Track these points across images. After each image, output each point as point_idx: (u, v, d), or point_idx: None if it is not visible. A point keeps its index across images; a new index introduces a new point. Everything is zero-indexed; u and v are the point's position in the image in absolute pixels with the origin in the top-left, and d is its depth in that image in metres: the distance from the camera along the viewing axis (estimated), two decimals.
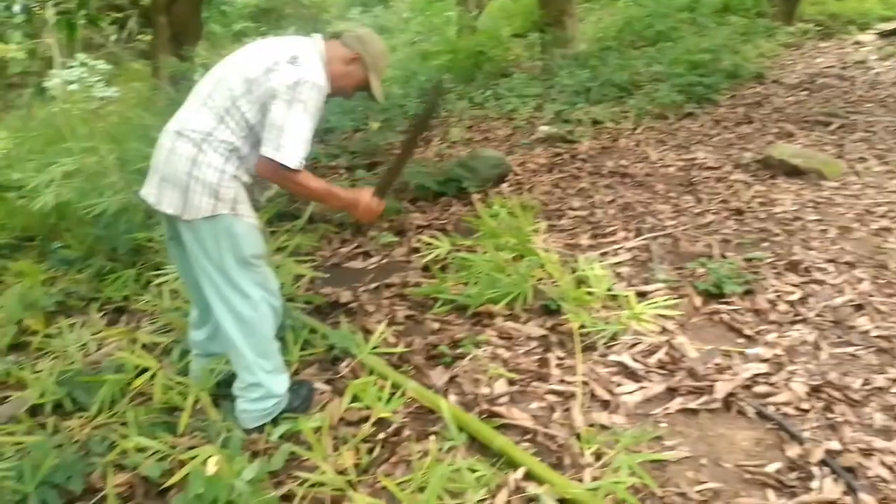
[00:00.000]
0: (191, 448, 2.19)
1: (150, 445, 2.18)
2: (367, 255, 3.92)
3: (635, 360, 2.61)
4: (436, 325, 2.99)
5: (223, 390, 2.49)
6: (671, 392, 2.43)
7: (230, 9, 12.54)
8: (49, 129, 4.84)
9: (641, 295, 3.05)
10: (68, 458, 2.16)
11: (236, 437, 2.19)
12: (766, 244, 3.52)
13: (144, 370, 2.50)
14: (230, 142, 2.12)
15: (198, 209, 2.09)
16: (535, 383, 2.51)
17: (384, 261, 3.81)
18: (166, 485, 2.06)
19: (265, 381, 2.28)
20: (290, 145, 2.07)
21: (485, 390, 2.46)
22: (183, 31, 6.62)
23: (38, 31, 10.51)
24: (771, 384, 2.43)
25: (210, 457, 1.95)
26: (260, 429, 2.32)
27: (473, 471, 1.99)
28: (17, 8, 6.19)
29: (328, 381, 2.66)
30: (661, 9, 8.91)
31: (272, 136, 2.07)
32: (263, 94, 2.09)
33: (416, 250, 3.82)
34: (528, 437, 2.24)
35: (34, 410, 2.56)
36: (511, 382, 2.51)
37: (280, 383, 2.35)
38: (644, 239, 3.64)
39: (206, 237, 2.13)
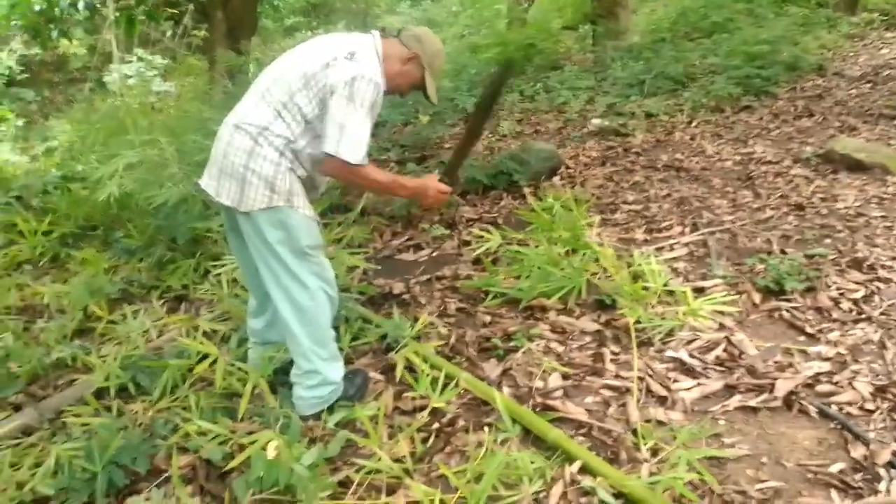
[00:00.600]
0: (250, 433, 2.24)
1: (212, 429, 2.23)
2: (418, 247, 3.95)
3: (692, 357, 2.56)
4: (487, 318, 3.00)
5: (280, 378, 2.54)
6: (730, 389, 2.38)
7: (282, 3, 12.70)
8: (111, 122, 4.98)
9: (698, 291, 3.00)
10: (134, 440, 2.23)
11: (295, 423, 2.23)
12: (828, 241, 3.41)
13: (205, 356, 2.56)
14: (286, 136, 2.15)
15: (254, 201, 2.13)
16: (589, 378, 2.49)
17: (435, 253, 3.83)
18: (227, 468, 2.11)
19: (321, 369, 2.32)
20: (352, 142, 2.10)
21: (539, 384, 2.45)
22: (238, 25, 6.75)
23: (98, 27, 10.82)
24: (834, 383, 2.36)
25: (269, 441, 1.98)
26: (317, 416, 2.35)
27: (528, 462, 1.99)
28: (81, 5, 6.38)
29: (382, 371, 2.68)
30: None
31: (333, 134, 2.10)
32: (321, 89, 2.12)
33: (467, 243, 3.83)
34: (583, 431, 2.22)
35: (99, 393, 2.66)
36: (565, 377, 2.49)
37: (336, 371, 2.38)
38: (701, 234, 3.57)
39: (264, 228, 2.17)
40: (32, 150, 8.10)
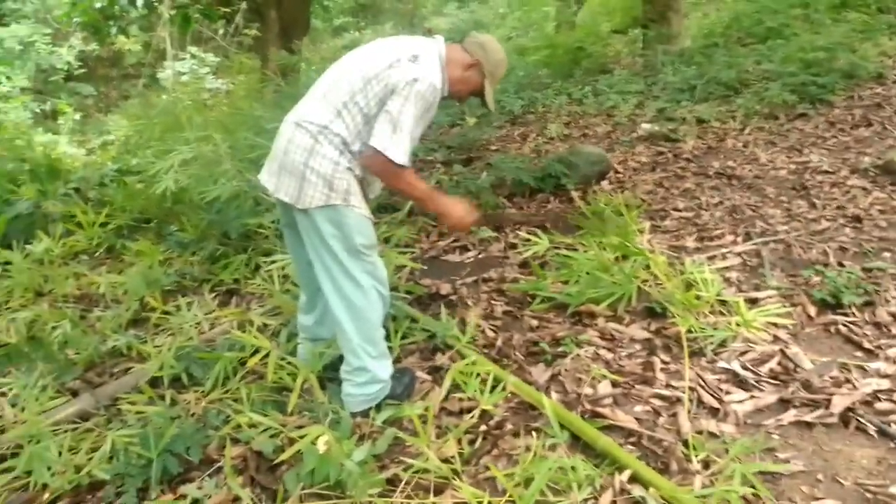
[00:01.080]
0: (299, 427, 2.27)
1: (263, 422, 2.27)
2: (464, 248, 3.95)
3: (745, 369, 2.51)
4: (534, 322, 2.98)
5: (329, 373, 2.57)
6: (784, 403, 2.33)
7: (332, 4, 12.86)
8: (167, 118, 5.10)
9: (752, 302, 2.95)
10: (187, 429, 2.28)
11: (345, 419, 2.25)
12: (887, 254, 3.31)
13: (257, 350, 2.60)
14: (344, 136, 2.18)
15: (312, 198, 2.16)
16: (639, 386, 2.46)
17: (481, 255, 3.82)
18: (277, 460, 2.14)
19: (370, 366, 2.34)
20: (400, 141, 2.13)
21: (587, 390, 2.43)
22: (292, 25, 6.86)
23: (153, 25, 11.11)
24: (894, 401, 2.29)
25: (320, 436, 2.01)
26: (365, 413, 2.37)
27: (577, 469, 1.98)
28: (139, 2, 6.56)
29: (428, 371, 2.69)
30: (771, 4, 8.52)
31: (385, 130, 2.12)
32: (382, 89, 2.14)
33: (514, 246, 3.82)
34: (633, 439, 2.20)
35: (153, 382, 2.72)
36: (614, 384, 2.47)
37: (384, 369, 2.40)
38: (754, 244, 3.50)
39: (320, 225, 2.20)
40: (89, 144, 8.34)
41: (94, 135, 8.62)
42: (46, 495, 2.18)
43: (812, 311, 2.87)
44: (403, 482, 2.02)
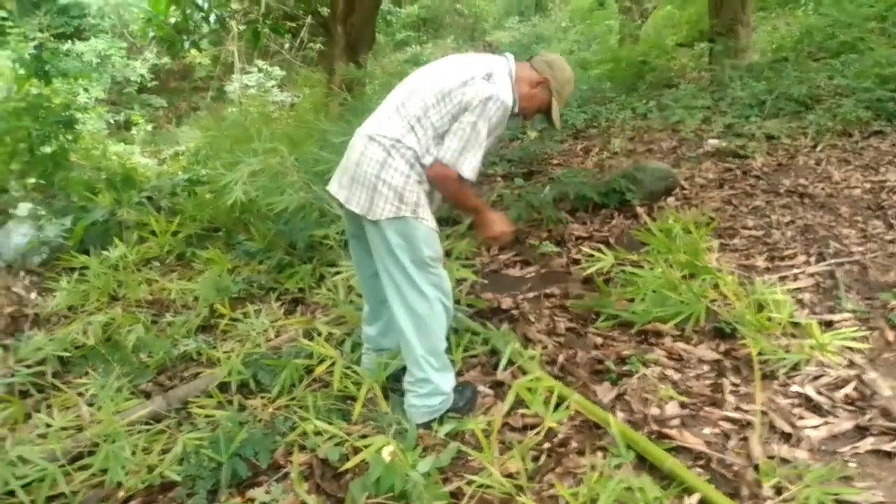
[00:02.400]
0: (363, 436, 2.30)
1: (328, 429, 2.30)
2: (525, 263, 3.93)
3: (820, 394, 2.42)
4: (599, 340, 2.95)
5: (392, 384, 2.59)
6: (861, 431, 2.23)
7: (395, 18, 13.06)
8: (235, 130, 5.26)
9: (826, 324, 2.84)
10: (256, 434, 2.34)
11: (411, 430, 2.26)
12: None
13: (322, 359, 2.64)
14: (416, 150, 2.21)
15: (383, 210, 2.19)
16: (707, 408, 2.40)
17: (543, 270, 3.80)
18: (342, 468, 2.17)
19: (433, 378, 2.35)
20: (470, 157, 2.17)
21: (654, 411, 2.38)
22: (358, 40, 6.99)
23: (221, 39, 11.49)
24: None
25: (385, 446, 2.02)
26: (427, 425, 2.38)
27: (644, 490, 1.94)
28: (212, 18, 6.80)
29: (490, 386, 2.69)
30: (845, 18, 8.25)
31: (456, 146, 2.16)
32: (456, 105, 2.17)
33: (577, 262, 3.79)
34: (701, 462, 2.14)
35: (222, 387, 2.79)
36: (682, 405, 2.41)
37: (447, 381, 2.41)
38: (828, 265, 3.38)
39: (389, 237, 2.23)
40: (160, 154, 8.67)
41: (165, 145, 8.94)
42: (121, 493, 2.25)
43: (890, 336, 2.75)
44: (467, 496, 2.02)
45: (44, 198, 5.26)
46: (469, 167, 2.17)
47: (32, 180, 5.52)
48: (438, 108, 2.19)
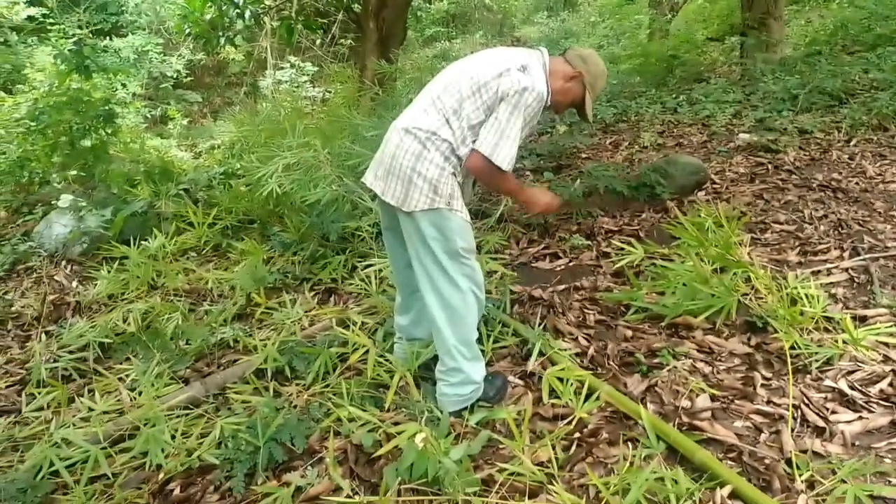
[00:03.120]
0: (396, 423, 2.35)
1: (362, 416, 2.36)
2: (554, 256, 3.94)
3: (853, 388, 2.41)
4: (629, 333, 2.96)
5: (423, 373, 2.64)
6: None
7: (424, 14, 13.09)
8: (270, 125, 5.34)
9: (860, 319, 2.82)
10: (292, 420, 2.40)
11: (444, 418, 2.31)
12: None
13: (356, 347, 2.70)
14: (451, 142, 2.24)
15: (418, 201, 2.23)
16: (738, 401, 2.40)
17: (572, 263, 3.81)
18: (376, 454, 2.22)
19: (465, 367, 2.39)
20: (507, 148, 2.19)
21: (685, 403, 2.39)
22: (389, 35, 7.04)
23: (255, 35, 11.64)
24: None
25: (418, 433, 2.07)
26: (458, 413, 2.42)
27: (677, 481, 1.96)
28: (247, 14, 6.89)
29: (520, 376, 2.72)
30: (882, 10, 8.09)
31: (492, 138, 2.19)
32: (491, 97, 2.20)
33: (606, 255, 3.79)
34: (732, 455, 2.15)
35: (258, 374, 2.86)
36: (713, 398, 2.42)
37: (478, 371, 2.44)
38: (862, 259, 3.34)
39: (424, 228, 2.26)
40: (196, 148, 8.81)
41: (200, 139, 9.09)
42: (161, 475, 2.33)
43: None
44: (498, 483, 2.06)
45: (84, 190, 5.40)
46: (505, 158, 2.20)
47: (73, 173, 5.66)
48: (474, 99, 2.22)
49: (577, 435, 2.29)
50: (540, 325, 3.00)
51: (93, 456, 2.35)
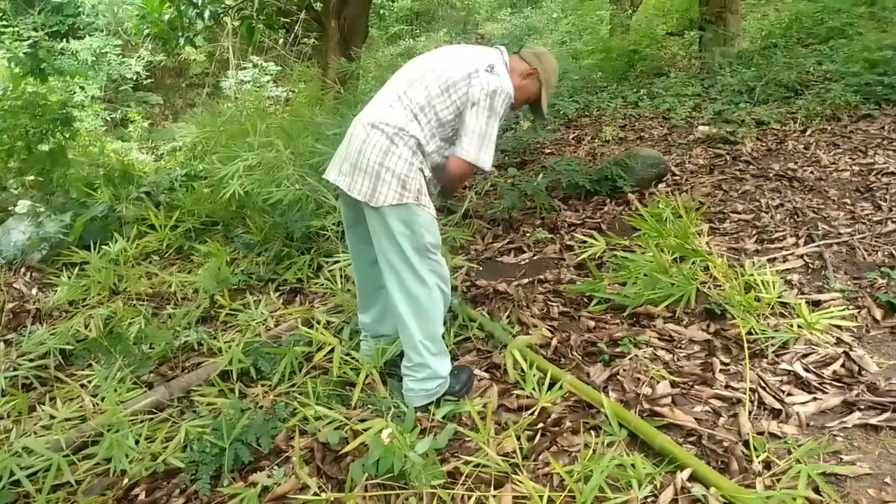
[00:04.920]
0: (363, 420, 2.36)
1: (328, 414, 2.36)
2: (519, 250, 3.98)
3: (808, 371, 2.49)
4: (591, 323, 3.00)
5: (389, 369, 2.65)
6: (848, 406, 2.30)
7: (387, 12, 13.06)
8: (231, 126, 5.29)
9: (814, 304, 2.91)
10: (257, 420, 2.39)
11: (409, 413, 2.32)
12: None
13: (321, 346, 2.70)
14: (419, 138, 2.27)
15: (386, 196, 2.23)
16: (698, 387, 2.46)
17: (536, 257, 3.85)
18: (342, 451, 2.23)
19: (431, 363, 2.40)
20: (489, 152, 2.28)
21: (646, 390, 2.44)
22: (351, 33, 7.02)
23: (216, 35, 11.50)
24: None
25: (384, 429, 2.08)
26: (425, 408, 2.44)
27: (636, 467, 2.00)
28: (206, 14, 6.81)
29: (486, 369, 2.74)
30: (834, 3, 8.31)
31: (472, 141, 2.26)
32: (461, 97, 2.25)
33: (570, 248, 3.84)
34: (692, 439, 2.20)
35: (223, 376, 2.84)
36: (673, 384, 2.47)
37: (444, 366, 2.46)
38: (816, 246, 3.44)
39: (391, 224, 2.26)
40: (157, 150, 8.69)
41: (162, 142, 8.96)
42: (125, 481, 2.30)
43: (878, 314, 2.82)
44: (464, 475, 2.08)
45: (43, 195, 5.29)
46: (487, 161, 2.30)
47: (31, 178, 5.55)
48: (443, 98, 2.25)
49: (540, 425, 2.32)
50: (505, 318, 3.03)
51: (55, 464, 2.30)
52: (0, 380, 2.96)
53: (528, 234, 4.11)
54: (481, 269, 3.68)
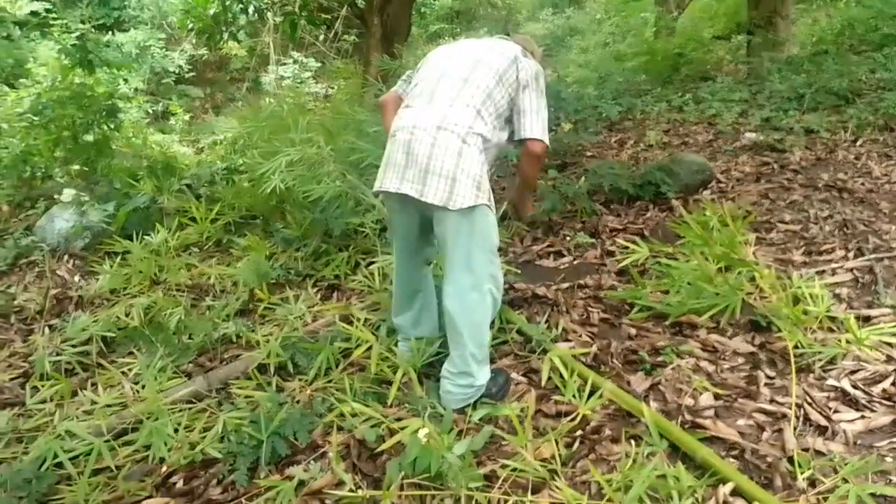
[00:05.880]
0: (399, 419, 2.35)
1: (365, 411, 2.36)
2: (558, 254, 3.94)
3: (856, 388, 2.41)
4: (632, 331, 2.95)
5: (425, 369, 2.64)
6: None
7: (429, 10, 13.07)
8: (273, 121, 5.32)
9: (864, 319, 2.82)
10: (295, 414, 2.39)
11: (448, 414, 2.31)
12: None
13: (359, 343, 2.70)
14: (484, 135, 2.27)
15: (464, 198, 2.20)
16: (742, 400, 2.40)
17: (576, 261, 3.81)
18: (379, 449, 2.22)
19: (474, 371, 2.38)
20: (545, 128, 2.34)
21: (688, 401, 2.39)
22: (394, 31, 7.04)
23: (258, 31, 11.61)
24: None
25: (421, 428, 2.07)
26: (461, 410, 2.42)
27: (679, 478, 1.95)
28: (251, 9, 6.88)
29: (523, 373, 2.71)
30: (889, 9, 8.07)
31: (535, 121, 2.32)
32: (512, 84, 2.30)
33: (611, 253, 3.79)
34: (734, 453, 2.15)
35: (260, 369, 2.85)
36: (716, 397, 2.42)
37: (485, 372, 2.44)
38: (867, 260, 3.34)
39: (466, 225, 2.25)
40: (198, 143, 8.81)
41: (203, 135, 9.08)
42: (164, 468, 2.33)
43: None
44: (501, 479, 2.05)
45: (87, 184, 5.39)
46: (547, 137, 2.38)
47: (76, 167, 5.67)
48: (498, 89, 2.28)
49: (579, 432, 2.29)
50: (544, 323, 3.00)
51: (96, 448, 2.34)
52: (45, 363, 3.02)
53: (568, 238, 4.06)
54: (519, 272, 3.65)
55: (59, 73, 6.09)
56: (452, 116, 2.25)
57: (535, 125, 2.32)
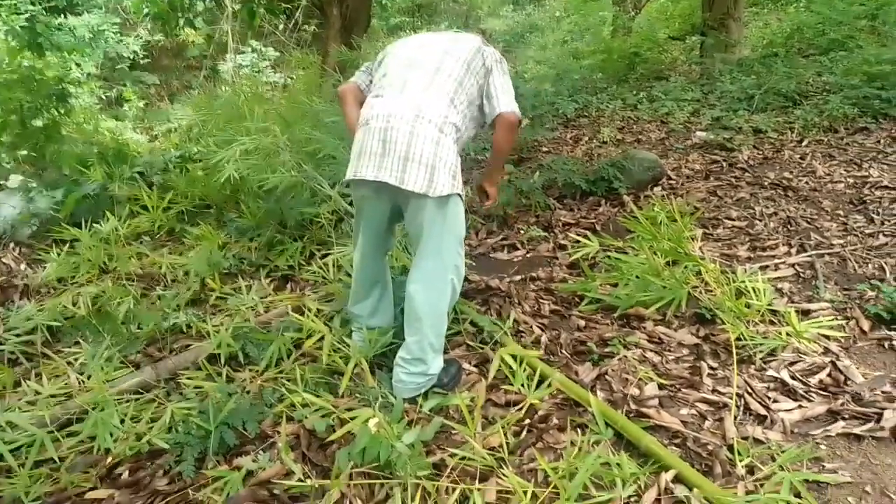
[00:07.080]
0: (350, 409, 2.35)
1: (315, 402, 2.35)
2: (512, 247, 3.99)
3: (795, 378, 2.50)
4: (582, 323, 3.01)
5: (378, 360, 2.64)
6: (833, 414, 2.31)
7: (389, 3, 13.00)
8: (228, 109, 5.25)
9: (804, 313, 2.92)
10: (244, 405, 2.38)
11: (398, 403, 2.32)
12: None
13: (311, 333, 2.69)
14: (458, 124, 2.32)
15: (443, 186, 2.23)
16: (685, 390, 2.47)
17: (529, 254, 3.86)
18: (329, 439, 2.22)
19: (429, 360, 2.41)
20: (514, 101, 2.39)
21: (634, 391, 2.45)
22: (353, 22, 6.99)
23: (216, 18, 11.40)
24: None
25: (371, 418, 2.08)
26: (412, 400, 2.44)
27: (622, 466, 2.01)
28: None
29: (475, 364, 2.74)
30: (836, 15, 8.34)
31: (506, 95, 2.37)
32: (478, 71, 2.36)
33: (563, 247, 3.85)
34: (677, 441, 2.22)
35: (210, 359, 2.83)
36: (661, 387, 2.49)
37: (438, 362, 2.47)
38: (808, 256, 3.46)
39: (444, 213, 2.29)
40: (152, 131, 8.62)
41: (157, 122, 8.89)
42: (109, 459, 2.29)
43: (866, 325, 2.83)
44: (450, 468, 2.08)
45: (35, 170, 5.25)
46: (518, 109, 2.41)
47: (23, 153, 5.49)
48: (468, 77, 2.34)
49: (528, 421, 2.33)
50: (496, 313, 3.03)
51: (39, 440, 2.29)
52: None
53: (522, 232, 4.11)
54: (474, 264, 3.68)
55: (6, 56, 5.89)
56: (428, 106, 2.27)
57: (505, 100, 2.36)
